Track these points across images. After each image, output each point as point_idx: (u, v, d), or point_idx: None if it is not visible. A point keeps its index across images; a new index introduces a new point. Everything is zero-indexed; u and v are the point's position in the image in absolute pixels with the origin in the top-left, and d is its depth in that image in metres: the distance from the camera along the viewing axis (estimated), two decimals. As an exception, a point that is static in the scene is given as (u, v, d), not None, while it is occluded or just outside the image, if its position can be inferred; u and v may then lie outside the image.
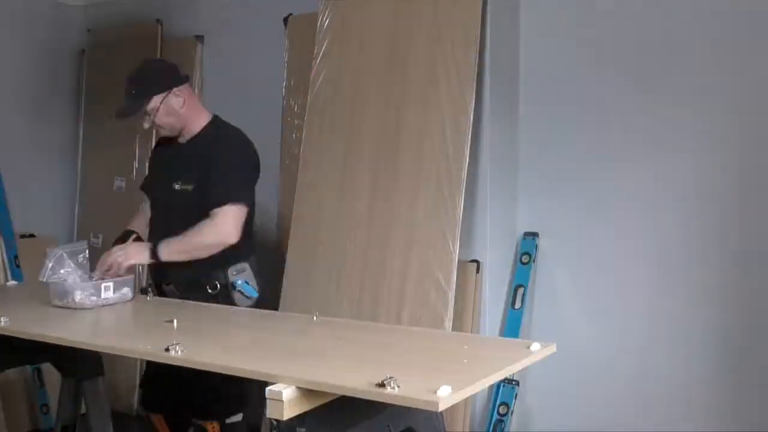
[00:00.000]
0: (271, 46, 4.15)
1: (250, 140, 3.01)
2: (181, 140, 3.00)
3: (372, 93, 3.52)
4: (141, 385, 3.14)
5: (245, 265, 2.91)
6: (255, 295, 2.88)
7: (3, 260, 4.34)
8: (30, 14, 4.75)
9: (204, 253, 2.79)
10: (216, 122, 3.01)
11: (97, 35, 4.93)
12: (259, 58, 4.28)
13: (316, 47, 3.71)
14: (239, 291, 2.85)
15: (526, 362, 1.93)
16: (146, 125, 2.93)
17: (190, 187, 2.84)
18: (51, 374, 3.97)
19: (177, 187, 2.87)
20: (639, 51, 3.25)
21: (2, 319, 2.38)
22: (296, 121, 3.97)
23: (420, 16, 3.42)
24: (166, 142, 3.07)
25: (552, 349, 2.03)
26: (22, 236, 4.55)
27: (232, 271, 2.86)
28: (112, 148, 4.76)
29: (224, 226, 2.78)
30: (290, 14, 4.07)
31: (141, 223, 3.08)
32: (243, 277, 2.87)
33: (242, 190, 2.85)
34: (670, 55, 3.18)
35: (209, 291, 2.85)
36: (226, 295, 2.86)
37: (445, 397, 1.57)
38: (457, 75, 3.27)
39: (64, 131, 4.98)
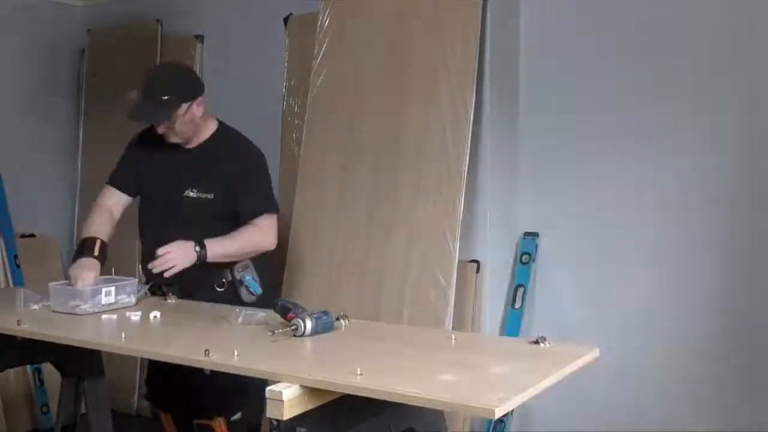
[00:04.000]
0: (271, 46, 4.15)
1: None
2: (188, 146, 2.96)
3: (372, 93, 3.52)
4: (147, 382, 3.13)
5: (248, 262, 2.94)
6: (260, 291, 2.91)
7: (3, 260, 4.34)
8: (30, 14, 4.75)
9: (246, 256, 2.89)
10: (224, 128, 3.02)
11: (97, 35, 4.93)
12: (259, 58, 4.27)
13: (316, 47, 3.70)
14: (246, 287, 2.89)
15: (573, 367, 1.94)
16: (160, 130, 2.87)
17: (209, 196, 2.86)
18: (51, 374, 3.97)
19: (192, 194, 2.87)
20: (639, 52, 3.25)
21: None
22: (296, 121, 3.97)
23: (420, 16, 3.42)
24: (151, 141, 2.98)
25: (596, 352, 2.04)
26: (22, 236, 4.55)
27: (238, 268, 2.90)
28: (112, 148, 4.71)
29: (269, 234, 2.90)
30: (290, 14, 4.07)
31: (104, 226, 2.93)
32: (248, 273, 2.91)
33: (274, 201, 2.98)
34: (670, 55, 3.18)
35: (217, 289, 2.88)
36: (232, 292, 2.89)
37: (501, 405, 1.55)
38: (457, 75, 3.27)
39: (64, 131, 4.97)
